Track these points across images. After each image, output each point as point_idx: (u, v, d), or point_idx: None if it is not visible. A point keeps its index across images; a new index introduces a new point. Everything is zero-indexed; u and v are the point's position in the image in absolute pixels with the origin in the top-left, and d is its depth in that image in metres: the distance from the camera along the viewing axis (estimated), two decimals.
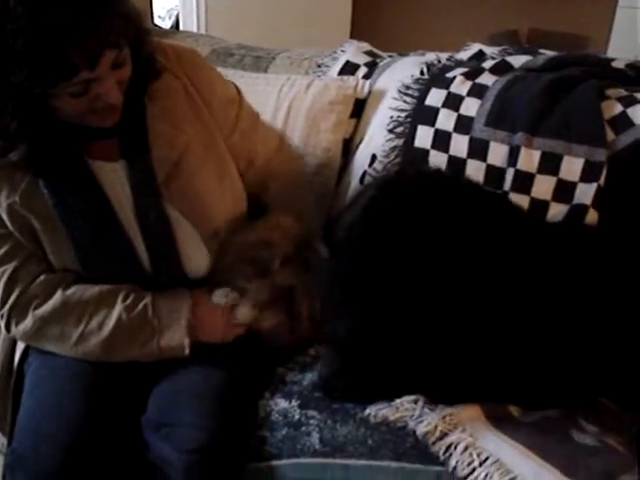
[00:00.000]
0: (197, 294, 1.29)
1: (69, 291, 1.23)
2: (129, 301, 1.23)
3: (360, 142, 1.65)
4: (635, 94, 1.49)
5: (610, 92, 1.50)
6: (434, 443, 1.11)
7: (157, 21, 3.41)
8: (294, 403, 1.23)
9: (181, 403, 1.18)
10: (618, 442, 1.13)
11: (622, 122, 1.44)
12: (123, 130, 1.21)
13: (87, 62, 1.02)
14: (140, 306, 1.23)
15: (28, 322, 1.23)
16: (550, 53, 1.65)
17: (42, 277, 1.23)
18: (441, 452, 1.10)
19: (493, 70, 1.59)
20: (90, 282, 1.25)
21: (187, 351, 1.23)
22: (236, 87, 1.45)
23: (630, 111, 1.45)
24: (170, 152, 1.24)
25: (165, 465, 1.14)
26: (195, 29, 3.01)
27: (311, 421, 1.19)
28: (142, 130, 1.23)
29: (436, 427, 1.11)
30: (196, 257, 1.29)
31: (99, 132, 1.18)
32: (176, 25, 3.26)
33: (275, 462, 1.16)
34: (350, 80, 1.68)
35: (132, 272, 1.26)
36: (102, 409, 1.18)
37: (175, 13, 3.42)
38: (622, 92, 1.51)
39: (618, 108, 1.46)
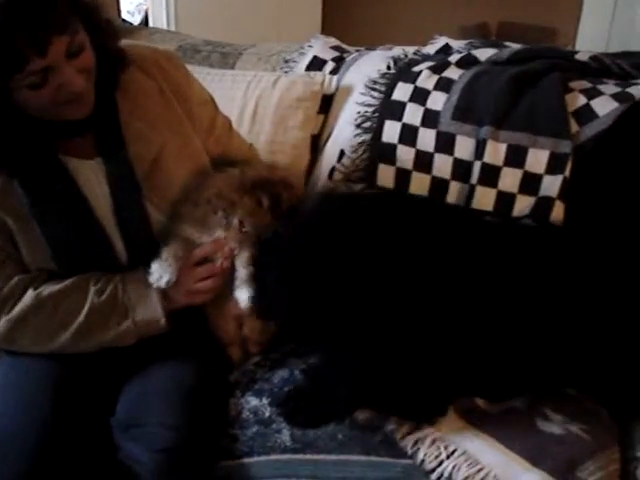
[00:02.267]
0: None
1: (40, 288, 1.22)
2: (99, 284, 1.23)
3: (328, 138, 1.65)
4: (598, 86, 1.51)
5: (574, 84, 1.51)
6: (402, 438, 1.11)
7: (126, 16, 3.37)
8: (264, 401, 1.24)
9: (150, 403, 1.17)
10: (582, 430, 1.14)
11: (586, 114, 1.46)
12: (97, 126, 1.21)
13: (35, 50, 1.01)
14: (110, 287, 1.23)
15: (2, 326, 1.22)
16: (515, 46, 1.66)
17: (16, 279, 1.22)
18: (409, 446, 1.11)
19: (459, 64, 1.60)
20: (64, 278, 1.24)
21: (163, 322, 1.23)
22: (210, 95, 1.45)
23: (593, 103, 1.46)
24: (147, 149, 1.24)
25: (136, 465, 1.14)
26: (164, 25, 2.98)
27: (281, 418, 1.20)
28: (116, 126, 1.23)
29: (403, 424, 1.12)
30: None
31: (72, 128, 1.17)
32: (145, 21, 3.22)
33: (246, 460, 1.16)
34: (317, 76, 1.68)
35: (108, 267, 1.25)
36: (70, 411, 1.17)
37: (144, 8, 3.38)
38: (586, 84, 1.52)
39: (582, 100, 1.47)
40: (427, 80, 1.56)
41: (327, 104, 1.67)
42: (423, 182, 1.53)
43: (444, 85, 1.54)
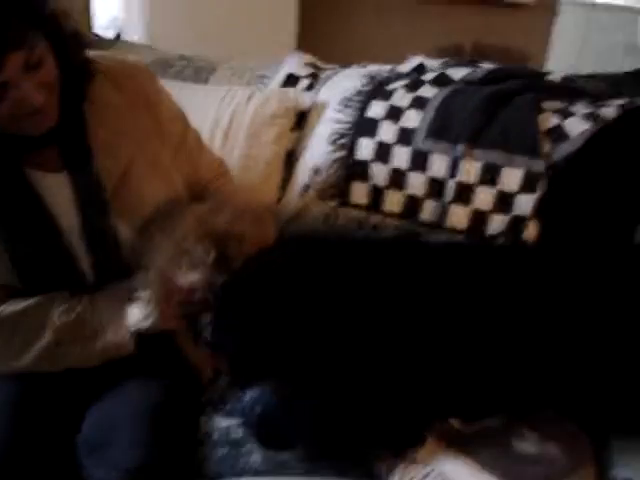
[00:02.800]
0: (134, 285, 1.22)
1: (1, 307, 1.18)
2: (65, 305, 1.19)
3: (302, 154, 1.64)
4: (570, 107, 1.53)
5: (546, 105, 1.53)
6: (377, 460, 1.09)
7: (99, 30, 3.33)
8: (235, 421, 1.21)
9: (117, 422, 1.14)
10: (556, 448, 1.13)
11: (558, 134, 1.48)
12: (62, 139, 1.17)
13: None
14: (78, 308, 1.19)
15: None
16: (489, 66, 1.68)
17: None
18: (383, 470, 1.09)
19: (433, 83, 1.60)
20: (27, 296, 1.19)
21: (131, 347, 1.19)
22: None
23: (565, 123, 1.48)
24: (114, 163, 1.21)
25: None
26: (138, 39, 2.96)
27: (253, 439, 1.17)
28: (83, 139, 1.19)
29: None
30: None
31: (36, 142, 1.14)
32: (118, 35, 3.19)
33: None
34: (292, 92, 1.69)
35: (73, 284, 1.21)
36: (31, 431, 1.13)
37: (118, 23, 3.35)
38: (558, 105, 1.54)
39: (554, 120, 1.49)
40: (402, 98, 1.57)
41: (301, 120, 1.67)
42: (397, 200, 1.53)
43: (419, 103, 1.55)
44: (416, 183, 1.50)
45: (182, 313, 1.19)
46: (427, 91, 1.57)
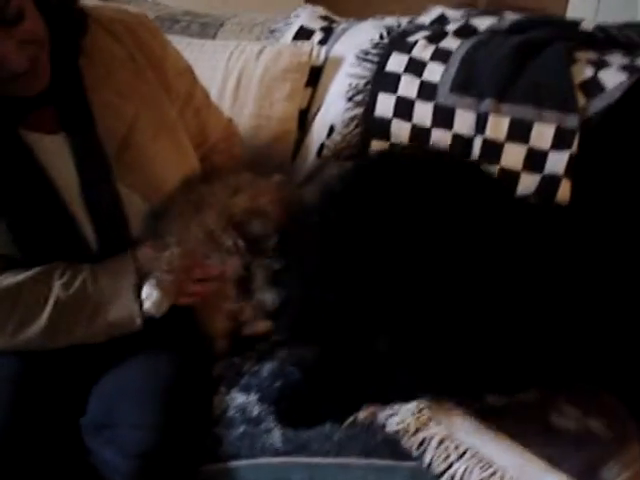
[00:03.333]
0: (141, 254, 1.16)
1: None
2: (66, 277, 1.11)
3: (317, 112, 1.57)
4: (605, 57, 1.44)
5: (579, 55, 1.44)
6: (407, 438, 1.02)
7: None
8: (252, 397, 1.14)
9: (123, 401, 1.07)
10: (601, 424, 1.06)
11: (593, 87, 1.39)
12: (58, 99, 1.10)
13: None
14: (79, 280, 1.11)
15: None
16: (514, 16, 1.57)
17: None
18: (414, 447, 1.01)
19: (457, 33, 1.52)
20: (26, 267, 1.12)
21: (139, 322, 1.12)
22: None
23: (601, 75, 1.39)
24: (117, 124, 1.14)
25: (108, 471, 1.05)
26: None
27: (271, 416, 1.10)
28: (82, 98, 1.12)
29: (408, 424, 1.03)
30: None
31: (29, 103, 1.07)
32: None
33: (233, 463, 1.07)
34: (305, 46, 1.60)
35: (76, 253, 1.14)
36: (34, 412, 1.06)
37: None
38: (592, 55, 1.45)
39: (589, 72, 1.40)
40: (423, 50, 1.48)
41: (315, 77, 1.59)
42: None
43: (441, 56, 1.46)
44: (440, 141, 1.41)
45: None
46: (450, 42, 1.48)
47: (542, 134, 1.36)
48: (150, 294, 1.11)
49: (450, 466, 0.98)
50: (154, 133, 1.19)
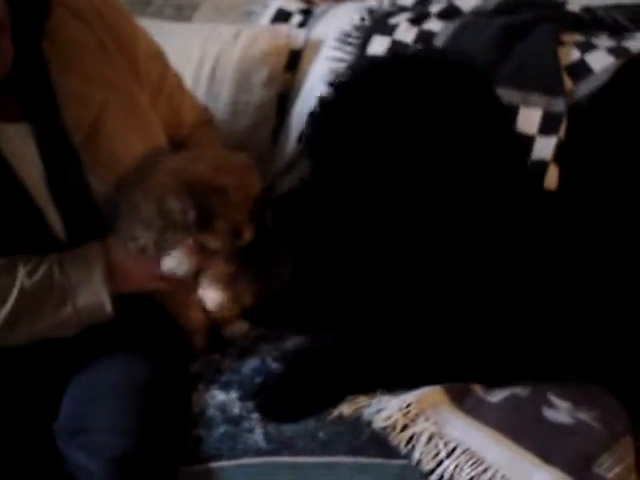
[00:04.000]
0: (108, 240, 1.13)
1: None
2: (31, 265, 1.07)
3: (297, 98, 1.53)
4: (592, 40, 1.42)
5: (566, 37, 1.42)
6: (395, 435, 0.98)
7: None
8: (233, 395, 1.09)
9: (98, 404, 1.02)
10: (592, 417, 1.03)
11: (580, 69, 1.37)
12: (20, 85, 1.05)
13: None
14: (44, 267, 1.07)
15: None
16: None
17: None
18: (402, 444, 0.98)
19: (440, 15, 1.50)
20: None
21: (109, 308, 1.08)
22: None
23: (588, 58, 1.38)
24: (84, 111, 1.10)
25: (84, 477, 0.99)
26: None
27: (253, 415, 1.05)
28: (46, 85, 1.07)
29: (396, 420, 0.99)
30: None
31: None
32: None
33: (213, 464, 1.02)
34: (283, 29, 1.58)
35: (44, 245, 1.10)
36: (3, 418, 1.03)
37: None
38: (578, 37, 1.43)
39: (575, 54, 1.39)
40: (406, 33, 1.46)
41: (295, 61, 1.56)
42: None
43: (425, 38, 1.45)
44: None
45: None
46: (434, 24, 1.46)
47: (529, 119, 1.34)
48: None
49: (440, 463, 0.94)
50: (124, 121, 1.14)
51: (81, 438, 0.99)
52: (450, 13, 1.49)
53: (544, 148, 1.32)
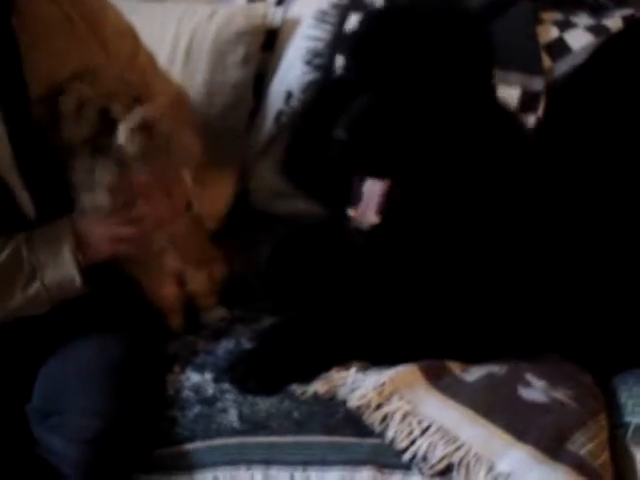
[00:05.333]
0: (74, 214, 1.10)
1: None
2: None
3: (273, 77, 1.53)
4: (571, 17, 1.44)
5: (545, 15, 1.44)
6: (369, 414, 0.98)
7: None
8: (207, 376, 1.09)
9: (71, 386, 1.02)
10: (567, 396, 1.03)
11: (559, 48, 1.39)
12: None
13: None
14: (11, 244, 1.05)
15: None
16: None
17: None
18: (377, 423, 0.97)
19: None
20: None
21: (78, 281, 1.06)
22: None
23: (567, 36, 1.40)
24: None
25: (57, 460, 0.99)
26: None
27: (227, 395, 1.05)
28: (15, 62, 1.05)
29: (370, 399, 0.99)
30: None
31: None
32: None
33: (188, 445, 1.02)
34: (259, 7, 1.56)
35: (14, 223, 1.08)
36: None
37: None
38: (558, 16, 1.45)
39: (554, 33, 1.41)
40: None
41: (271, 40, 1.55)
42: None
43: None
44: None
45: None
46: None
47: (507, 97, 1.31)
48: None
49: (414, 442, 0.94)
50: None
51: (54, 420, 0.99)
52: None
53: None
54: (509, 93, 1.33)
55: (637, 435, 1.00)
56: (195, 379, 1.09)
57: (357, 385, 1.02)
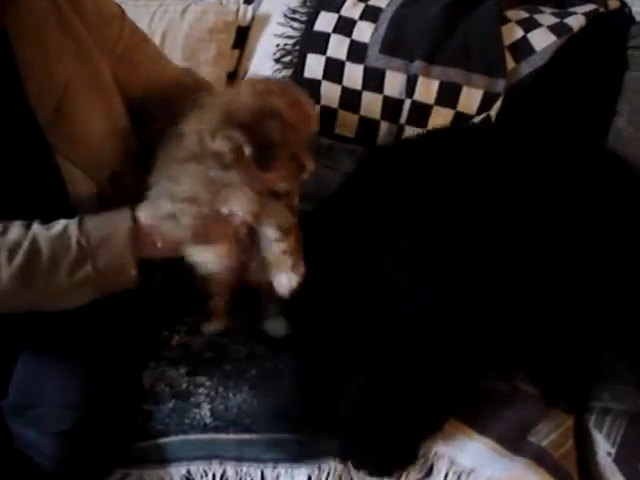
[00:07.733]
0: (139, 205, 1.00)
1: None
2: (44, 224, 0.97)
3: (245, 75, 1.53)
4: (535, 16, 1.43)
5: (510, 14, 1.43)
6: None
7: None
8: (182, 370, 1.10)
9: (46, 379, 1.01)
10: (531, 385, 1.06)
11: (523, 48, 1.39)
12: None
13: None
14: (61, 223, 0.97)
15: None
16: None
17: None
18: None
19: None
20: None
21: (133, 272, 0.97)
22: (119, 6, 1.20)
23: (530, 36, 1.39)
24: (49, 87, 1.02)
25: (32, 452, 0.99)
26: None
27: (200, 390, 1.07)
28: (8, 56, 0.99)
29: None
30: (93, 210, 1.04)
31: None
32: None
33: (162, 440, 1.04)
34: (230, 4, 1.56)
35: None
36: None
37: None
38: (522, 14, 1.44)
39: (518, 33, 1.40)
40: (352, 9, 1.46)
41: (242, 37, 1.55)
42: (350, 122, 1.43)
43: (371, 14, 1.44)
44: (371, 104, 1.40)
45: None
46: (380, 0, 1.46)
47: (470, 99, 1.36)
48: None
49: None
50: (88, 98, 1.06)
51: (30, 413, 0.99)
52: None
53: None
54: (473, 94, 1.35)
55: (600, 420, 1.04)
56: (169, 373, 1.10)
57: None
